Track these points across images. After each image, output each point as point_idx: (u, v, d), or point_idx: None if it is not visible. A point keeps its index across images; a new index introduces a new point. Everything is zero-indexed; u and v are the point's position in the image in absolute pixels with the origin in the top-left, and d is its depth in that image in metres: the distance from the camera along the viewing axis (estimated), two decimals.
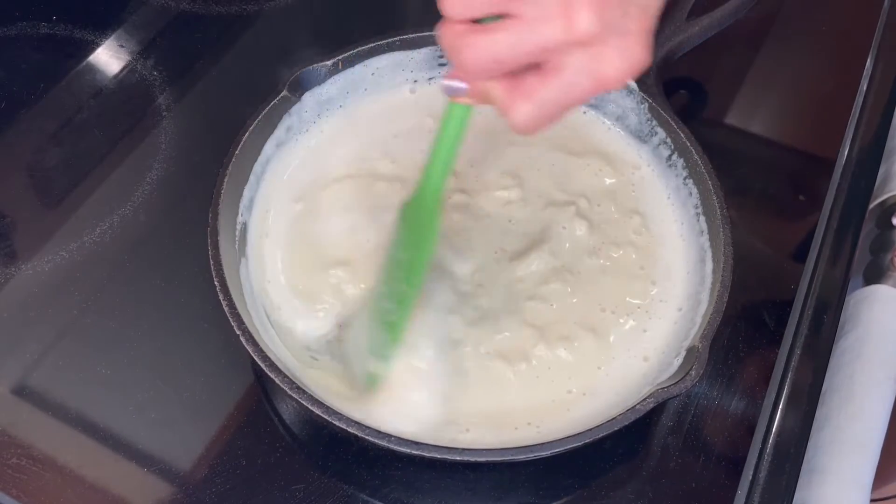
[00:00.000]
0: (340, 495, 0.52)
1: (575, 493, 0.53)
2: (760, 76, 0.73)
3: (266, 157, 0.60)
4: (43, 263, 0.60)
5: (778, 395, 0.57)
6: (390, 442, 0.47)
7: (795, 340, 0.59)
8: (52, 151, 0.66)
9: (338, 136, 0.63)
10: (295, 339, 0.54)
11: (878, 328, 0.59)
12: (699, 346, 0.50)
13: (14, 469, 0.52)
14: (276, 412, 0.55)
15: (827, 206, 0.65)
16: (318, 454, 0.53)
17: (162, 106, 0.69)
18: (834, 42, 0.76)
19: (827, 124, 0.70)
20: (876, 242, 0.65)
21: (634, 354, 0.55)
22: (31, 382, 0.55)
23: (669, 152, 0.61)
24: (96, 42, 0.73)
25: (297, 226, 0.59)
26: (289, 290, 0.56)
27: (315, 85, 0.61)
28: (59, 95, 0.69)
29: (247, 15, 0.75)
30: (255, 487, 0.52)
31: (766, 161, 0.68)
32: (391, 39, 0.63)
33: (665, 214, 0.60)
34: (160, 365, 0.56)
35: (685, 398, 0.56)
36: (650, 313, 0.56)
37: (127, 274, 0.60)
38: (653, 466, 0.53)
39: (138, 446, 0.53)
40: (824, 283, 0.62)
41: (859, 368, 0.57)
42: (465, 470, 0.53)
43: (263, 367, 0.48)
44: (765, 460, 0.54)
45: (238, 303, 0.51)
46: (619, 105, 0.63)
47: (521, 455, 0.47)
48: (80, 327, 0.57)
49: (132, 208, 0.63)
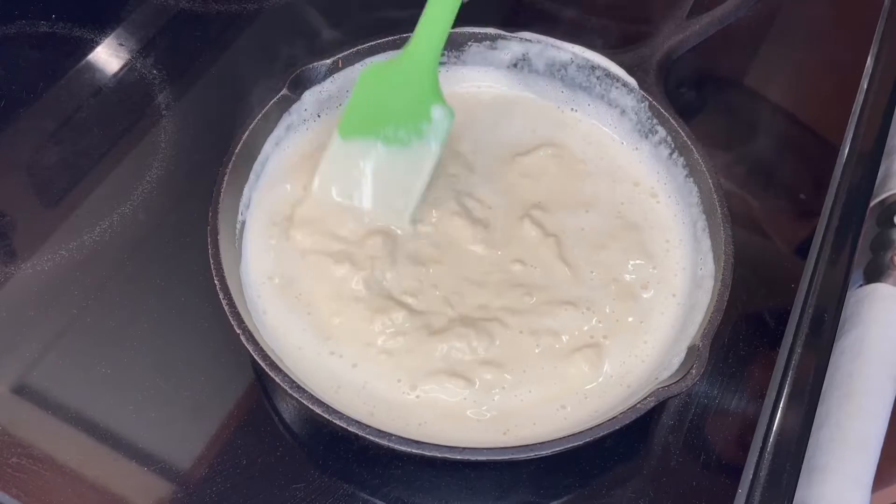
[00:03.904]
0: (341, 494, 0.52)
1: (575, 492, 0.53)
2: (761, 74, 0.73)
3: (266, 155, 0.60)
4: (42, 262, 0.60)
5: (778, 394, 0.57)
6: (391, 441, 0.47)
7: (796, 339, 0.59)
8: (51, 150, 0.66)
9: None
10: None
11: (879, 327, 0.59)
12: (700, 344, 0.50)
13: (14, 468, 0.52)
14: (276, 411, 0.55)
15: (827, 205, 0.65)
16: (319, 453, 0.53)
17: (161, 104, 0.69)
18: (834, 40, 0.76)
19: (827, 123, 0.70)
20: (876, 241, 0.65)
21: (634, 354, 0.55)
22: (31, 381, 0.55)
23: (670, 151, 0.61)
24: (96, 40, 0.72)
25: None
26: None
27: (315, 83, 0.61)
28: (58, 94, 0.69)
29: (246, 13, 0.75)
30: (255, 486, 0.52)
31: (767, 159, 0.68)
32: (391, 38, 0.63)
33: (665, 212, 0.60)
34: (160, 364, 0.56)
35: (686, 397, 0.56)
36: (650, 312, 0.56)
37: (127, 273, 0.60)
38: (653, 465, 0.53)
39: (138, 445, 0.53)
40: (825, 281, 0.62)
41: (860, 367, 0.57)
42: (465, 469, 0.53)
43: (263, 366, 0.48)
44: (765, 459, 0.54)
45: (238, 302, 0.51)
46: (620, 103, 0.63)
47: (522, 454, 0.47)
48: (79, 326, 0.57)
49: (132, 207, 0.63)
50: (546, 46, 0.64)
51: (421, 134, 0.57)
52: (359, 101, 0.58)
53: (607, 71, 0.63)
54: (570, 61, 0.64)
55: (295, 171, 0.60)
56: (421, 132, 0.57)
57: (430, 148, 0.58)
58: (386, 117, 0.57)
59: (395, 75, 0.57)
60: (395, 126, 0.57)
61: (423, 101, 0.57)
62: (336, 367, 0.53)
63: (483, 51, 0.65)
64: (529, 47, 0.64)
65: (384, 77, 0.57)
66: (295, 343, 0.54)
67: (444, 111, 0.57)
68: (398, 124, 0.57)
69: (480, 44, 0.64)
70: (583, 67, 0.63)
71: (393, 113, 0.57)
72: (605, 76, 0.63)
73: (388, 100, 0.57)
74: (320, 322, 0.55)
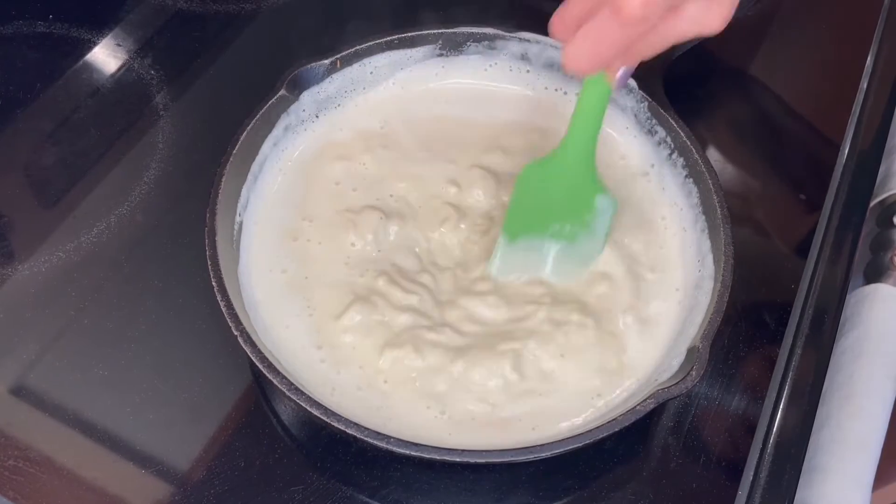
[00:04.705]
0: (339, 496, 0.51)
1: (575, 494, 0.53)
2: (760, 75, 0.73)
3: (264, 156, 0.59)
4: (40, 264, 0.60)
5: (778, 395, 0.57)
6: (389, 443, 0.47)
7: (796, 340, 0.59)
8: (48, 151, 0.66)
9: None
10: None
11: (879, 327, 0.59)
12: (699, 346, 0.50)
13: (11, 471, 0.51)
14: (274, 413, 0.54)
15: (827, 205, 0.65)
16: (317, 455, 0.53)
17: (159, 105, 0.68)
18: (834, 40, 0.76)
19: (827, 123, 0.70)
20: (876, 241, 0.65)
21: (634, 354, 0.54)
22: (28, 383, 0.55)
23: (669, 151, 0.60)
24: (93, 41, 0.72)
25: None
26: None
27: (313, 84, 0.61)
28: (55, 94, 0.69)
29: (245, 13, 0.75)
30: (254, 489, 0.51)
31: (767, 159, 0.68)
32: (389, 38, 0.63)
33: (665, 212, 0.60)
34: (158, 365, 0.56)
35: (685, 398, 0.56)
36: (649, 313, 0.56)
37: (124, 274, 0.60)
38: (653, 467, 0.53)
39: (136, 447, 0.53)
40: (825, 282, 0.62)
41: (860, 367, 0.57)
42: (464, 471, 0.53)
43: (261, 368, 0.48)
44: (765, 460, 0.54)
45: (236, 303, 0.51)
46: (620, 103, 0.63)
47: (521, 456, 0.47)
48: (77, 327, 0.57)
49: (129, 208, 0.62)
50: (545, 46, 0.63)
51: (586, 226, 0.56)
52: (520, 201, 0.56)
53: None
54: None
55: (294, 171, 0.60)
56: (586, 224, 0.56)
57: (597, 239, 0.56)
58: (550, 214, 0.56)
59: (554, 170, 0.55)
60: (560, 222, 0.56)
61: (586, 193, 0.55)
62: (334, 369, 0.53)
63: (482, 50, 0.64)
64: (528, 47, 0.64)
65: (543, 174, 0.55)
66: (293, 344, 0.54)
67: (608, 200, 0.55)
68: (563, 219, 0.56)
69: (479, 43, 0.64)
70: None
71: (557, 209, 0.56)
72: None
73: (551, 196, 0.56)
74: (320, 324, 0.54)
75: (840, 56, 0.75)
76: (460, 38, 0.64)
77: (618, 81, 0.49)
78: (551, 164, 0.55)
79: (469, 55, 0.65)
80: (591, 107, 0.52)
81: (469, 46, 0.64)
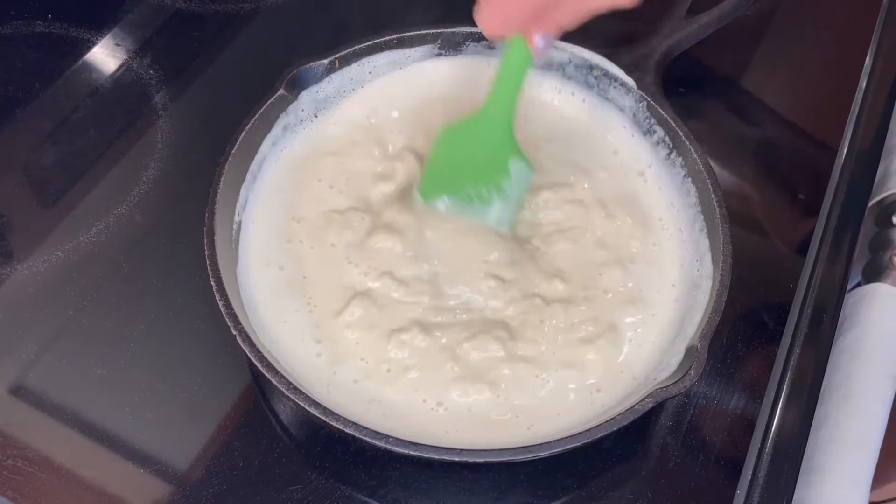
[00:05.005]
0: (338, 496, 0.51)
1: (573, 494, 0.53)
2: (759, 74, 0.73)
3: (262, 155, 0.59)
4: (39, 263, 0.60)
5: (777, 394, 0.57)
6: (388, 442, 0.47)
7: (794, 339, 0.59)
8: (47, 150, 0.66)
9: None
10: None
11: (878, 326, 0.59)
12: (698, 345, 0.50)
13: (10, 470, 0.51)
14: (273, 412, 0.54)
15: (826, 205, 0.65)
16: (316, 454, 0.53)
17: (158, 105, 0.68)
18: (833, 40, 0.76)
19: (826, 122, 0.70)
20: (875, 241, 0.65)
21: (632, 353, 0.54)
22: (27, 382, 0.55)
23: (668, 150, 0.60)
24: (92, 40, 0.72)
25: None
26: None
27: (312, 83, 0.61)
28: (54, 94, 0.69)
29: (244, 13, 0.75)
30: (253, 488, 0.51)
31: (765, 159, 0.68)
32: (388, 38, 0.63)
33: (663, 212, 0.60)
34: (157, 365, 0.56)
35: (684, 398, 0.56)
36: (649, 312, 0.56)
37: (123, 274, 0.60)
38: (652, 466, 0.53)
39: (135, 447, 0.53)
40: (823, 281, 0.62)
41: (858, 367, 0.57)
42: (463, 470, 0.53)
43: (260, 368, 0.48)
44: (764, 459, 0.54)
45: (234, 302, 0.51)
46: (619, 103, 0.63)
47: (520, 455, 0.47)
48: (76, 327, 0.57)
49: (128, 208, 0.62)
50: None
51: (501, 190, 0.56)
52: (436, 162, 0.57)
53: (605, 71, 0.62)
54: (569, 61, 0.63)
55: (292, 172, 0.60)
56: (501, 188, 0.56)
57: (509, 204, 0.57)
58: (465, 176, 0.57)
59: (471, 133, 0.56)
60: (475, 184, 0.56)
61: (502, 156, 0.56)
62: (330, 366, 0.53)
63: (481, 50, 0.64)
64: None
65: (460, 136, 0.56)
66: (292, 344, 0.54)
67: (523, 166, 0.56)
68: (478, 182, 0.56)
69: (479, 43, 0.64)
70: (581, 67, 0.63)
71: (472, 171, 0.57)
72: (604, 76, 0.63)
73: (466, 158, 0.57)
74: (319, 323, 0.54)
75: (839, 56, 0.75)
76: (459, 38, 0.64)
77: (537, 49, 0.51)
78: (469, 126, 0.56)
79: (468, 55, 0.65)
80: (510, 72, 0.53)
81: (468, 46, 0.64)
